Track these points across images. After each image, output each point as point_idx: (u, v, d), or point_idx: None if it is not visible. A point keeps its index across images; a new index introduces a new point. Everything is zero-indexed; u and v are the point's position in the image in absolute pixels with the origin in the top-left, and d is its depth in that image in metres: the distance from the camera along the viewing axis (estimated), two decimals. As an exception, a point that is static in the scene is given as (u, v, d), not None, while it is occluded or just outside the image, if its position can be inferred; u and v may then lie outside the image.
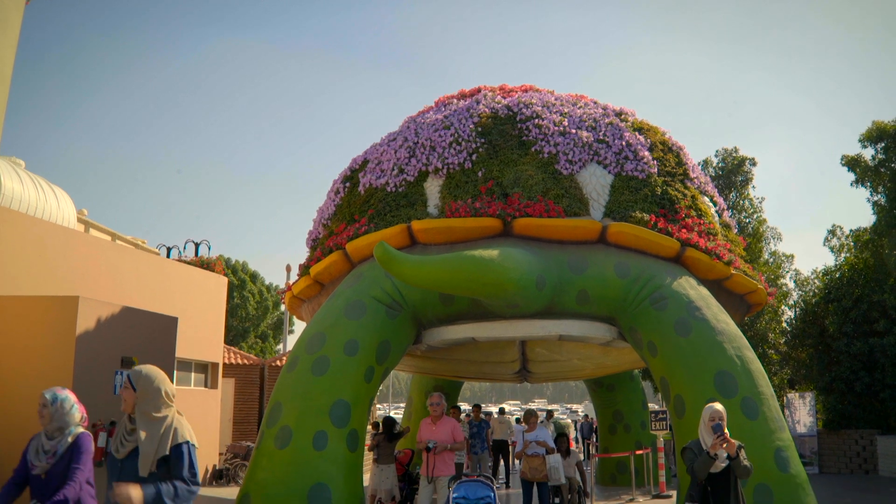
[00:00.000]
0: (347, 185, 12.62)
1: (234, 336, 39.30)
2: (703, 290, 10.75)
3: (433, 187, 11.44)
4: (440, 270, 9.37)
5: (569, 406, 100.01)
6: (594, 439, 23.69)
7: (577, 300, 10.59)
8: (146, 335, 11.57)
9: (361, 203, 11.89)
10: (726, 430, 6.63)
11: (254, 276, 42.68)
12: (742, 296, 12.38)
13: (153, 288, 14.27)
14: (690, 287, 10.63)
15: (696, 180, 12.36)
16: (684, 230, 11.15)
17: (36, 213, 13.66)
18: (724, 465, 6.70)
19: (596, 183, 11.33)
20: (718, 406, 6.79)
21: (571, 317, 10.74)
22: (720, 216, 12.79)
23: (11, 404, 10.29)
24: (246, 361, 22.10)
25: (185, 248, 21.16)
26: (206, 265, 19.14)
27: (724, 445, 6.53)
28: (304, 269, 12.44)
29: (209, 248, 21.18)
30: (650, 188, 11.43)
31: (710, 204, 12.55)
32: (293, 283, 12.96)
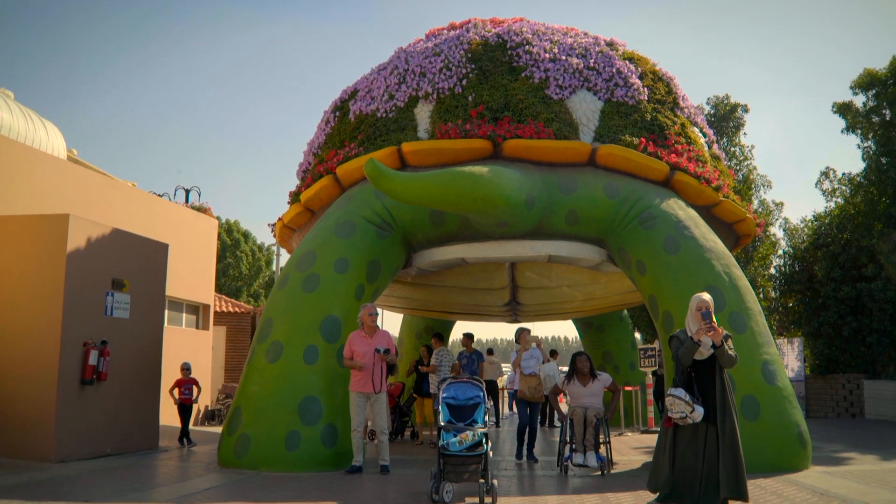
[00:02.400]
0: (337, 114, 12.60)
1: (226, 295, 39.36)
2: (692, 212, 10.82)
3: (423, 113, 11.44)
4: (430, 186, 9.39)
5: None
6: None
7: (566, 220, 10.64)
8: (137, 259, 11.57)
9: (352, 130, 11.89)
10: (714, 319, 6.72)
11: (246, 236, 42.67)
12: (731, 225, 12.44)
13: (144, 226, 14.26)
14: (679, 208, 10.69)
15: (685, 110, 12.39)
16: (674, 155, 11.19)
17: (25, 143, 13.58)
18: (709, 353, 6.79)
19: (586, 108, 11.34)
20: (706, 296, 6.87)
21: (561, 237, 10.80)
22: (710, 147, 12.82)
23: (3, 324, 10.32)
24: (237, 309, 22.17)
25: (175, 194, 21.07)
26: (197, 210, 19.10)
27: (711, 333, 6.62)
28: (295, 197, 12.46)
29: (199, 195, 21.13)
30: (640, 114, 11.45)
31: (700, 134, 12.58)
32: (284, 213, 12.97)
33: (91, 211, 13.01)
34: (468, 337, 13.58)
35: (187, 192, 21.28)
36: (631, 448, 12.45)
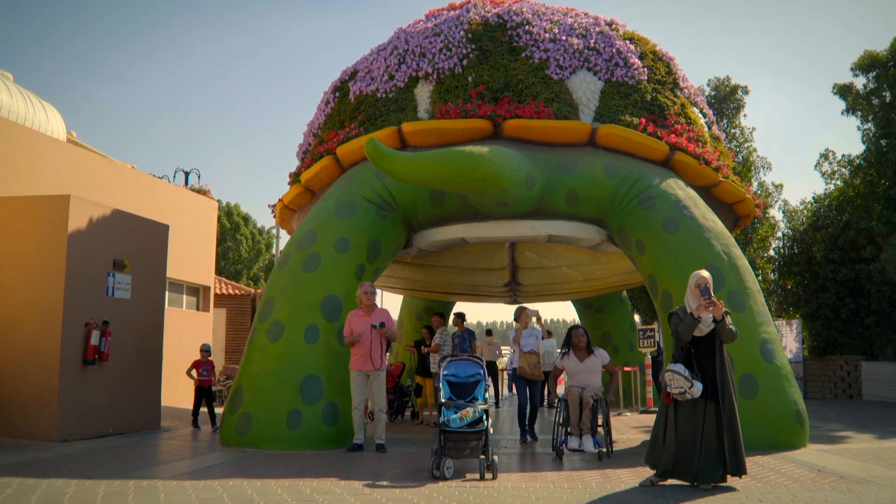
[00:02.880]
0: (337, 94, 12.59)
1: (226, 278, 39.45)
2: (691, 192, 10.85)
3: (423, 93, 11.43)
4: (430, 165, 9.40)
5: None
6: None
7: (566, 200, 10.66)
8: (138, 240, 11.60)
9: (352, 110, 11.89)
10: (713, 295, 6.80)
11: (246, 219, 42.69)
12: (730, 206, 12.46)
13: (144, 208, 14.27)
14: (679, 188, 10.72)
15: (686, 90, 12.39)
16: (673, 135, 11.20)
17: (25, 125, 13.57)
18: (708, 329, 6.87)
19: (586, 88, 11.34)
20: (705, 273, 6.94)
21: (561, 217, 10.83)
22: (709, 128, 12.82)
23: (5, 305, 10.36)
24: (237, 292, 22.22)
25: (174, 176, 21.06)
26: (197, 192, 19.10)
27: (711, 308, 6.70)
28: (295, 178, 12.48)
29: (199, 177, 21.12)
30: (640, 94, 11.45)
31: (700, 115, 12.58)
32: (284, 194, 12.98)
33: (91, 192, 13.03)
34: (459, 316, 13.62)
35: (187, 174, 21.27)
36: (630, 427, 12.53)
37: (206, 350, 12.56)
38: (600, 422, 8.90)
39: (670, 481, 6.97)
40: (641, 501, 6.12)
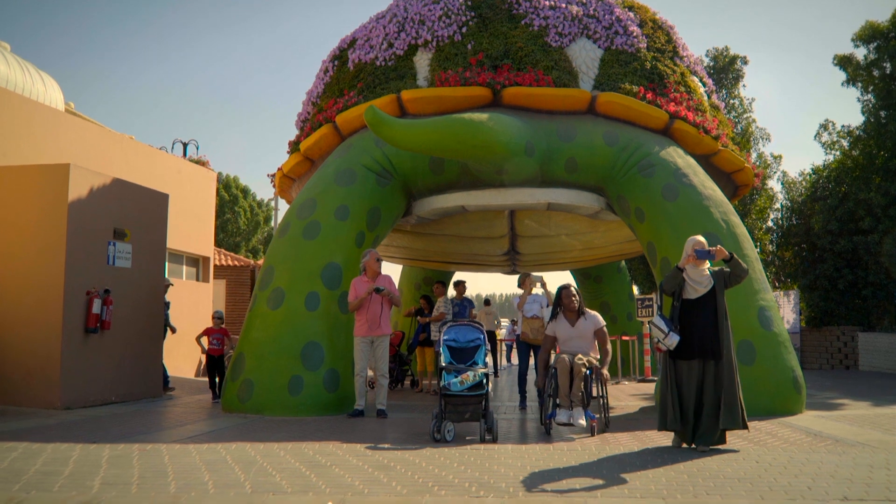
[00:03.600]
0: (336, 63, 12.55)
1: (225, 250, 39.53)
2: (691, 160, 10.86)
3: (423, 61, 11.39)
4: (430, 132, 9.41)
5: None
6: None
7: (565, 168, 10.67)
8: (138, 209, 11.61)
9: (351, 78, 11.85)
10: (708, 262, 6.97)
11: (245, 192, 42.63)
12: (729, 175, 12.47)
13: (143, 178, 14.26)
14: (678, 156, 10.73)
15: (685, 59, 12.35)
16: (673, 104, 11.19)
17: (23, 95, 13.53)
18: (705, 290, 6.99)
19: (585, 56, 11.30)
20: (700, 238, 7.08)
21: (560, 185, 10.84)
22: (709, 97, 12.80)
23: (7, 274, 10.39)
24: (237, 263, 22.26)
25: (172, 147, 21.01)
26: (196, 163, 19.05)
27: (718, 250, 6.90)
28: (294, 146, 12.47)
29: (197, 149, 21.07)
30: (640, 62, 11.42)
31: (700, 84, 12.55)
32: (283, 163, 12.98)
33: (90, 163, 13.02)
34: (459, 284, 13.68)
35: (185, 145, 21.21)
36: (628, 395, 12.62)
37: (217, 317, 12.06)
38: (595, 393, 8.06)
39: (657, 441, 7.20)
40: (640, 462, 6.20)
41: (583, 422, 7.67)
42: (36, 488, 5.02)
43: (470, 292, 13.83)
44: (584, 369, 7.79)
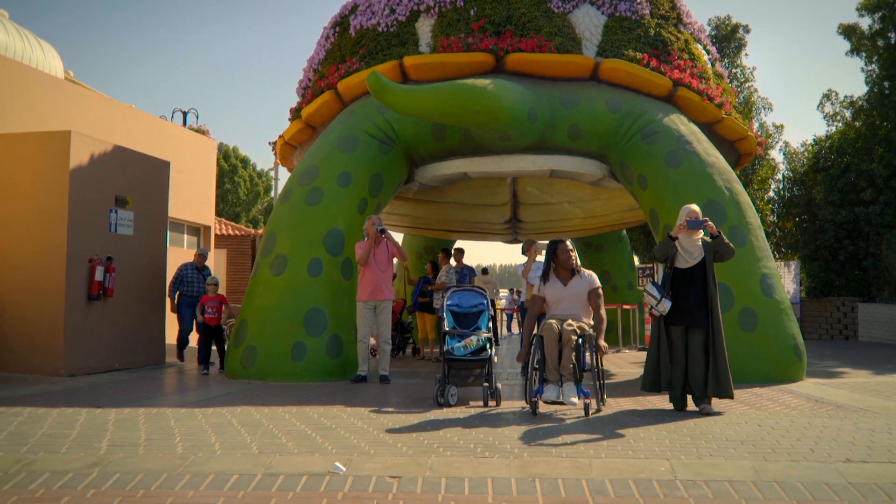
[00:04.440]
0: (337, 29, 12.45)
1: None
2: (694, 127, 10.81)
3: (425, 27, 11.30)
4: (433, 98, 9.35)
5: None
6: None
7: (568, 135, 10.63)
8: (139, 176, 11.58)
9: (352, 45, 11.77)
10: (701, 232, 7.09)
11: (245, 162, 42.51)
12: (732, 144, 12.43)
13: (143, 147, 14.16)
14: (682, 123, 10.68)
15: (689, 26, 12.26)
16: (676, 71, 11.12)
17: (23, 63, 13.44)
18: (695, 261, 7.08)
19: (589, 23, 11.21)
20: (694, 206, 7.16)
21: (563, 152, 10.80)
22: (713, 65, 12.72)
23: (9, 242, 10.38)
24: (238, 232, 22.26)
25: (172, 116, 20.92)
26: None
27: (707, 225, 6.95)
28: (296, 113, 12.41)
29: (197, 117, 20.97)
30: (643, 29, 11.33)
31: (704, 51, 12.47)
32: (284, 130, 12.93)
33: (90, 131, 12.95)
34: (459, 252, 13.69)
35: (185, 114, 21.11)
36: (629, 363, 12.67)
37: (213, 284, 11.18)
38: (591, 366, 7.07)
39: (659, 405, 7.30)
40: (642, 425, 6.24)
41: (575, 399, 6.62)
42: (44, 450, 5.05)
43: (469, 262, 13.84)
44: (574, 337, 6.73)
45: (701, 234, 7.17)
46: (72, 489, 4.10)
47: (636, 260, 21.81)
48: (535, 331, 7.26)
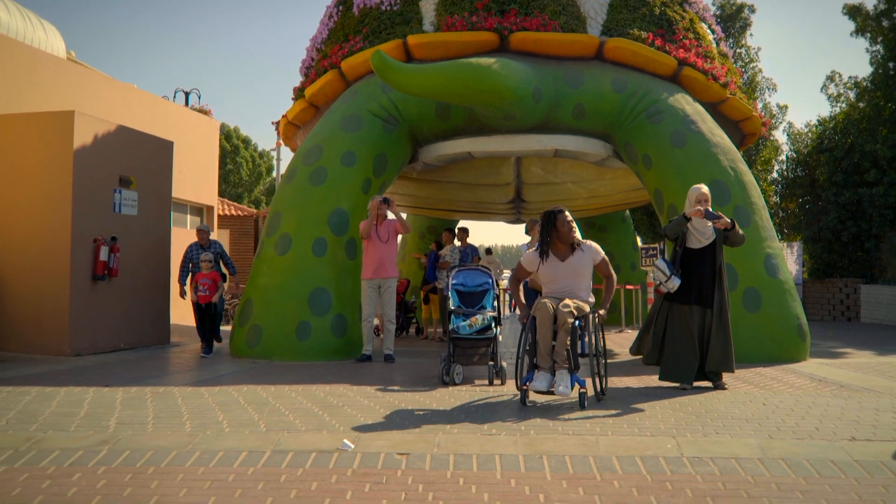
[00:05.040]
0: (341, 8, 12.37)
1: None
2: (699, 107, 10.78)
3: (429, 5, 11.24)
4: (437, 77, 9.33)
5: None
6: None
7: (573, 114, 10.60)
8: (143, 156, 11.55)
9: (356, 23, 11.70)
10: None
11: (246, 142, 42.41)
12: (736, 124, 12.39)
13: (146, 127, 14.12)
14: (686, 103, 10.65)
15: (694, 5, 12.19)
16: (682, 50, 11.07)
17: (25, 43, 13.37)
18: (707, 241, 7.11)
19: (594, 2, 11.16)
20: (704, 189, 7.16)
21: (567, 132, 10.78)
22: (717, 45, 12.66)
23: (14, 223, 10.38)
24: (241, 213, 22.25)
25: (174, 96, 20.85)
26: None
27: (721, 221, 6.96)
28: (299, 93, 12.38)
29: (199, 98, 20.91)
30: (648, 8, 11.28)
31: (709, 31, 12.41)
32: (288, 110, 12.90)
33: (93, 111, 12.90)
34: (463, 231, 13.70)
35: (187, 94, 21.04)
36: (631, 342, 12.70)
37: (207, 260, 10.58)
38: (590, 348, 6.31)
39: (665, 384, 7.31)
40: (647, 403, 6.27)
41: (567, 390, 5.95)
42: (53, 428, 5.08)
43: (472, 243, 13.86)
44: (570, 319, 6.03)
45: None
46: (82, 466, 4.13)
47: (639, 241, 21.80)
48: (521, 291, 6.82)
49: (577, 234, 6.57)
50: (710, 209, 7.07)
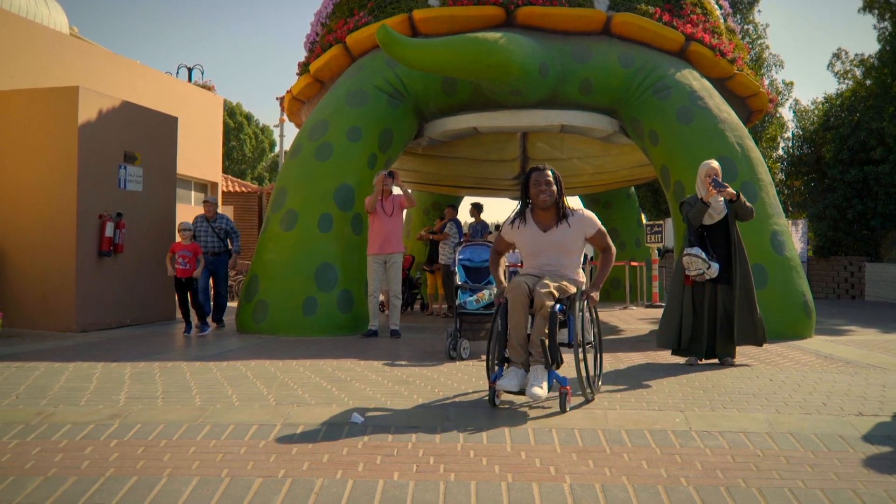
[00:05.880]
0: (346, -18, 12.28)
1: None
2: (706, 83, 10.72)
3: (434, -20, 11.15)
4: (444, 52, 9.27)
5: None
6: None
7: (580, 90, 10.55)
8: (148, 132, 11.52)
9: (361, -2, 11.62)
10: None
11: (249, 118, 42.27)
12: (743, 100, 12.32)
13: (150, 103, 14.08)
14: (693, 78, 10.59)
15: (702, -21, 12.07)
16: (689, 26, 10.99)
17: (28, 19, 13.31)
18: (720, 216, 7.09)
19: (601, -24, 11.06)
20: (714, 163, 7.14)
21: (574, 107, 10.73)
22: (725, 20, 12.57)
23: (20, 199, 10.38)
24: (244, 189, 22.23)
25: (177, 72, 20.76)
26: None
27: (723, 191, 6.92)
28: (304, 68, 12.31)
29: (202, 74, 20.81)
30: (656, -18, 11.18)
31: (716, 6, 12.32)
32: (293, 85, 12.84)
33: (97, 87, 12.86)
34: (476, 207, 13.69)
35: (190, 70, 20.95)
36: (637, 319, 12.71)
37: (185, 229, 9.95)
38: (583, 340, 5.24)
39: (670, 360, 7.37)
40: (654, 378, 6.28)
41: (541, 392, 4.76)
42: (63, 402, 5.11)
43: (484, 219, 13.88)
44: (549, 302, 4.90)
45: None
46: (94, 440, 4.15)
47: (643, 218, 21.78)
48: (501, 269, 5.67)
49: (560, 199, 5.37)
50: (720, 180, 7.02)
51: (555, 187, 5.31)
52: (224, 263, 11.09)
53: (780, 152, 23.10)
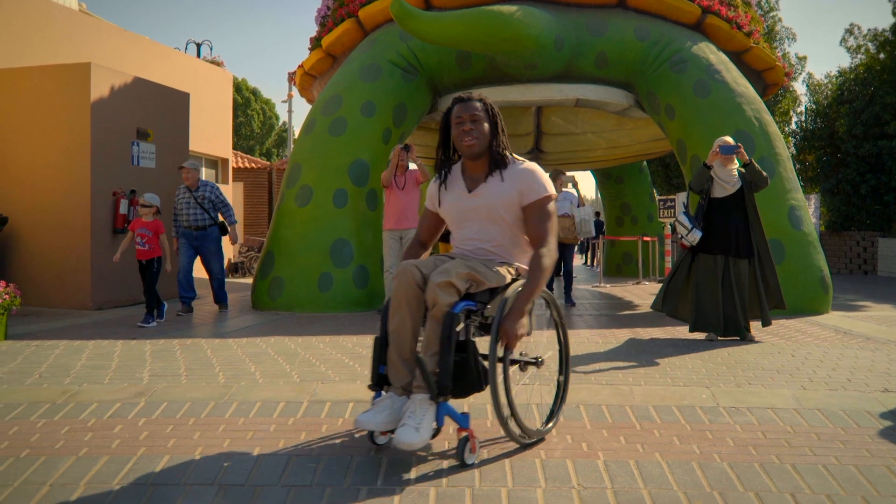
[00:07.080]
0: (358, -44, 12.15)
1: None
2: (723, 56, 10.60)
3: (448, -48, 11.02)
4: (458, 25, 9.18)
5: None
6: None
7: (595, 63, 10.45)
8: (160, 108, 11.47)
9: (373, -29, 11.50)
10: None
11: (255, 94, 42.08)
12: (759, 73, 12.20)
13: (160, 79, 14.01)
14: (710, 52, 10.47)
15: (718, -49, 11.90)
16: (705, -2, 10.86)
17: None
18: (734, 189, 7.07)
19: (617, -52, 10.91)
20: (728, 138, 7.15)
21: (589, 81, 10.64)
22: (741, -8, 12.40)
23: (34, 177, 10.36)
24: (254, 165, 22.19)
25: (186, 48, 20.63)
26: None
27: (740, 152, 6.94)
28: (316, 42, 12.22)
29: (211, 49, 20.69)
30: (672, -46, 11.02)
31: (732, -22, 12.14)
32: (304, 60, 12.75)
33: (107, 64, 12.78)
34: None
35: (199, 45, 20.82)
36: (650, 294, 12.66)
37: (146, 205, 8.53)
38: (524, 359, 4.03)
39: (690, 336, 7.33)
40: (676, 354, 6.26)
41: (415, 436, 3.18)
42: (87, 381, 5.11)
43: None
44: (449, 301, 3.34)
45: (736, 163, 7.16)
46: (122, 418, 4.15)
47: (655, 193, 21.68)
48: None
49: (494, 140, 3.66)
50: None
51: (486, 125, 3.62)
52: (212, 239, 9.70)
53: (793, 126, 22.92)
